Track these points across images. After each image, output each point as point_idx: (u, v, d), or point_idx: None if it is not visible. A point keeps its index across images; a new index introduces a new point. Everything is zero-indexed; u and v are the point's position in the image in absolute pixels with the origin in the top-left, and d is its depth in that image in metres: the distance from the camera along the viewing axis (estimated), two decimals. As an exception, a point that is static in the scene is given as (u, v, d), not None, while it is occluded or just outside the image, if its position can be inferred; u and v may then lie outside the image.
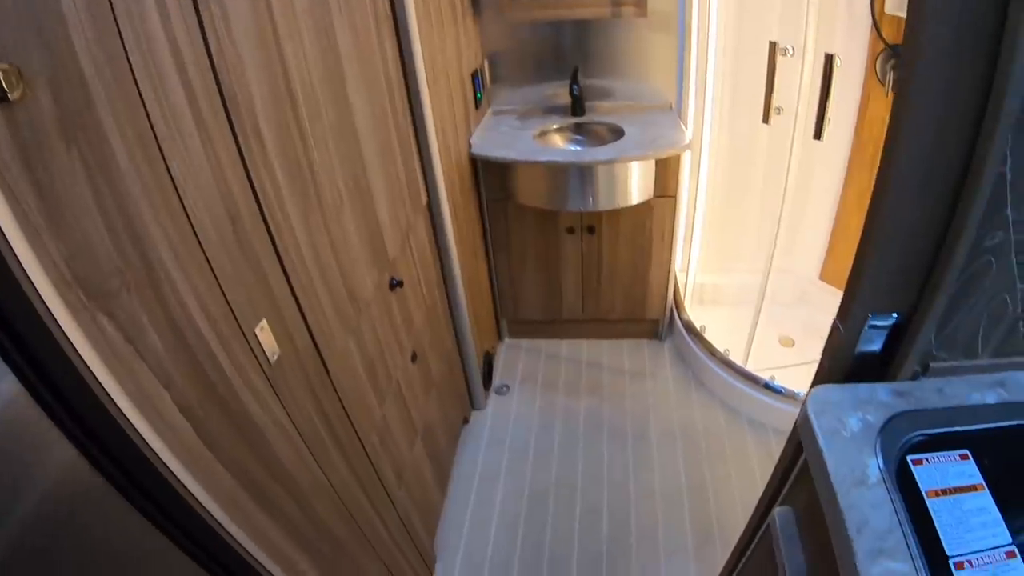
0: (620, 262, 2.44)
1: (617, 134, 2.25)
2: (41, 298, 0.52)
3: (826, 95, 1.90)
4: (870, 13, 1.94)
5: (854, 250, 0.78)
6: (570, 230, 2.37)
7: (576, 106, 2.42)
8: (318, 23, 1.08)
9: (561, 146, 2.40)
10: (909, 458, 0.72)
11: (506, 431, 2.35)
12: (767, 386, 2.19)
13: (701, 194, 2.63)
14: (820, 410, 0.77)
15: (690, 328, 2.52)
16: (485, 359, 2.44)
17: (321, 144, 1.09)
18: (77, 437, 0.58)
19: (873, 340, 0.82)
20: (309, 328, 1.05)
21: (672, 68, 2.32)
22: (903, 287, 0.76)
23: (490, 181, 2.29)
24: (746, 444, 2.18)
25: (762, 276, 2.33)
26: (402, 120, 1.55)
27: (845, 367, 0.85)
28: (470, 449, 2.28)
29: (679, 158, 2.14)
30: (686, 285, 2.77)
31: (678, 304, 2.63)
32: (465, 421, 2.37)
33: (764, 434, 2.20)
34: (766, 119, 2.21)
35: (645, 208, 2.25)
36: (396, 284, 1.49)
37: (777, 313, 2.55)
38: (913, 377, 0.81)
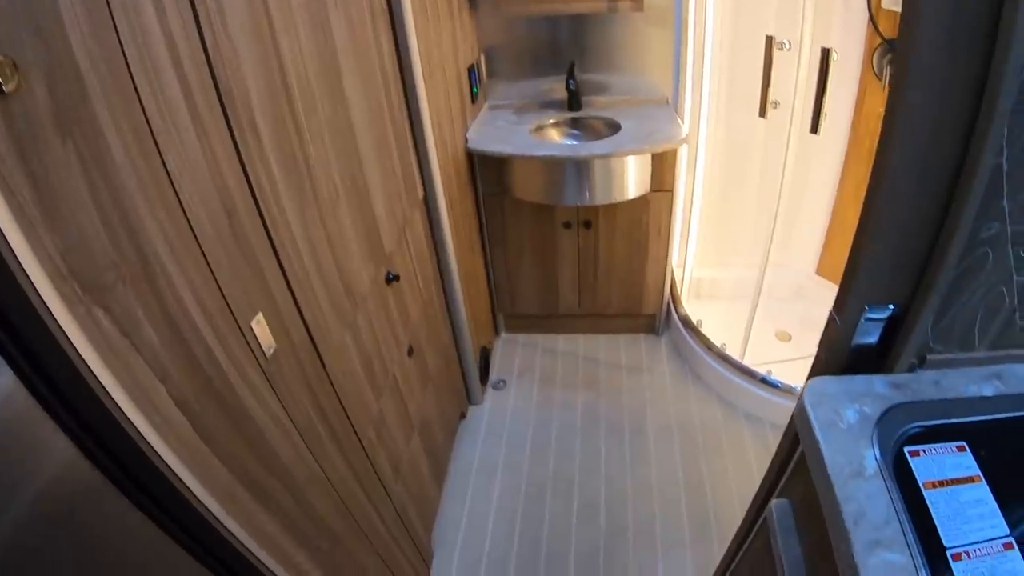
0: (617, 256, 2.44)
1: (613, 128, 2.25)
2: (36, 291, 0.52)
3: (822, 89, 1.90)
4: (867, 7, 1.94)
5: (851, 244, 0.78)
6: (567, 225, 2.36)
7: (572, 101, 2.41)
8: (314, 17, 1.08)
9: (557, 140, 2.40)
10: (906, 450, 0.72)
11: (503, 426, 2.35)
12: (764, 380, 2.19)
13: (698, 188, 2.63)
14: (817, 402, 0.77)
15: (687, 323, 2.52)
16: (482, 354, 2.44)
17: (317, 138, 1.09)
18: (73, 430, 0.58)
19: (870, 332, 0.82)
20: (305, 322, 1.05)
21: (669, 62, 2.32)
22: (899, 279, 0.76)
23: (486, 176, 2.28)
24: (743, 438, 2.19)
25: (759, 271, 2.34)
26: (398, 114, 1.54)
27: (842, 359, 0.85)
28: (467, 444, 2.28)
29: (676, 152, 2.14)
30: (683, 280, 2.78)
31: (675, 299, 2.64)
32: (462, 416, 2.37)
33: (761, 428, 2.21)
34: (762, 113, 2.21)
35: (642, 202, 2.25)
36: (392, 278, 1.49)
37: (774, 308, 2.56)
38: (910, 369, 0.82)
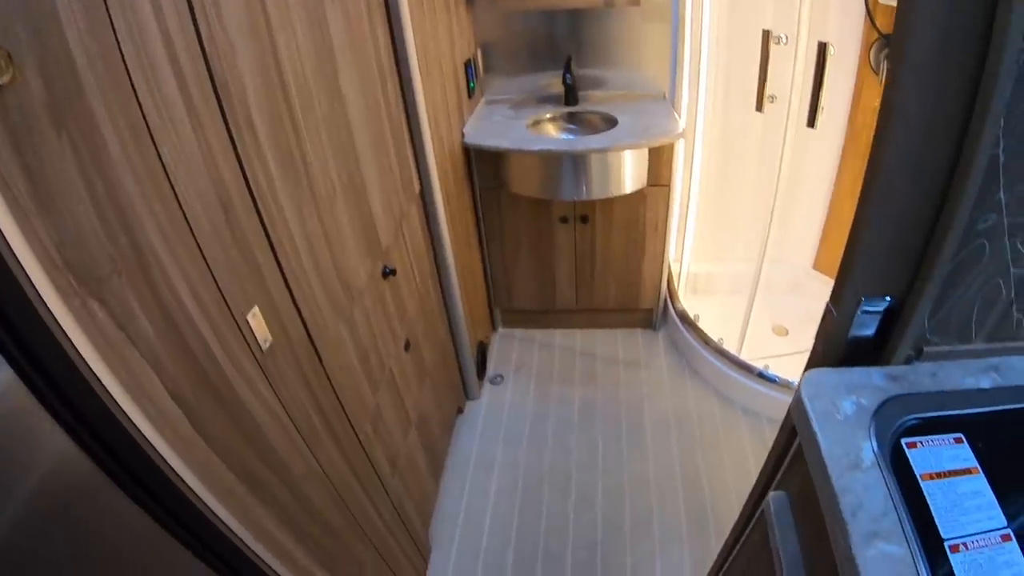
0: (614, 251, 2.44)
1: (610, 123, 2.24)
2: (32, 283, 0.52)
3: (819, 84, 1.90)
4: (863, 1, 1.94)
5: (847, 236, 0.77)
6: (563, 219, 2.36)
7: (569, 95, 2.40)
8: (311, 13, 1.07)
9: (554, 135, 2.39)
10: (903, 441, 0.72)
11: (500, 421, 2.35)
12: (761, 375, 2.19)
13: (695, 183, 2.63)
14: (814, 393, 0.77)
15: (684, 317, 2.52)
16: (479, 349, 2.44)
17: (314, 134, 1.09)
18: (68, 423, 0.57)
19: (866, 325, 0.82)
20: (302, 316, 1.05)
21: (665, 57, 2.31)
22: (896, 270, 0.76)
23: (483, 170, 2.28)
24: (740, 432, 2.19)
25: (756, 265, 2.34)
26: (395, 110, 1.54)
27: (839, 352, 0.85)
28: (464, 439, 2.28)
29: (672, 147, 2.14)
30: (680, 274, 2.78)
31: (672, 293, 2.64)
32: (459, 411, 2.37)
33: (758, 422, 2.21)
34: (759, 108, 2.21)
35: (639, 197, 2.25)
36: (389, 272, 1.48)
37: (771, 302, 2.56)
38: (907, 361, 0.82)
